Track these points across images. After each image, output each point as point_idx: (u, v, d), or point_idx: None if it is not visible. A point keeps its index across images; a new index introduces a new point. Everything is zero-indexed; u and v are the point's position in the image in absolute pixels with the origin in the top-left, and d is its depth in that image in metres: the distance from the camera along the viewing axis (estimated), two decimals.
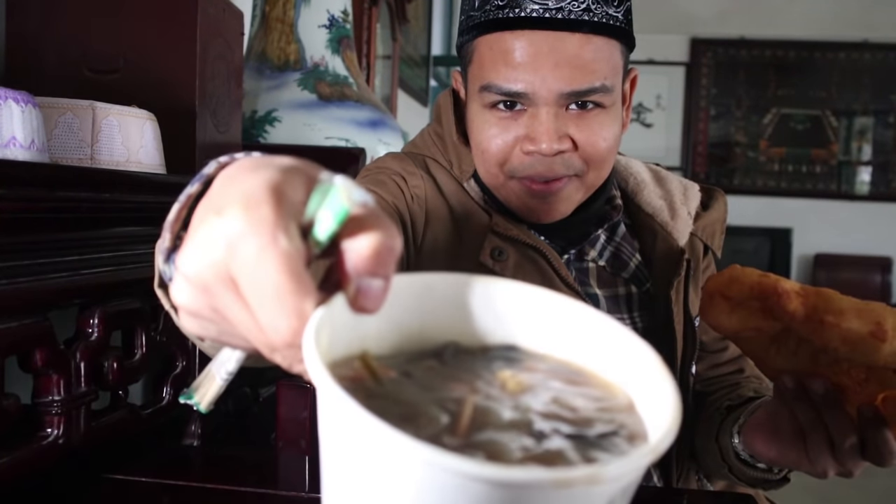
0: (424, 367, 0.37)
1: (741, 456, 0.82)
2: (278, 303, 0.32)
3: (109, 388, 0.87)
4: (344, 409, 0.28)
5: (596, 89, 0.79)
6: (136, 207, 0.87)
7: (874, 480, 2.97)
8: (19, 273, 0.70)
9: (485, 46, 0.82)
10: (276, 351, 0.34)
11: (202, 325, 0.37)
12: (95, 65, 1.05)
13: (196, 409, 0.43)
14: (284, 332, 0.32)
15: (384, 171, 0.89)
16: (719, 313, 0.62)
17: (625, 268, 0.91)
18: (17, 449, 0.73)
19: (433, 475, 0.27)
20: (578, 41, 0.78)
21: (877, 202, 5.54)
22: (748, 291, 0.59)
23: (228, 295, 0.33)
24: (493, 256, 0.84)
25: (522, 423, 0.33)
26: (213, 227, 0.33)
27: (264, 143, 1.50)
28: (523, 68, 0.78)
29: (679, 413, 0.32)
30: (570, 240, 0.90)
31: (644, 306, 0.91)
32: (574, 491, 0.27)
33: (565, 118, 0.80)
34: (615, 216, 0.92)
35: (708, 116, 5.74)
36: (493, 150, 0.83)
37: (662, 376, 0.35)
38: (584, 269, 0.90)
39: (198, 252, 0.33)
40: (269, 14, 1.59)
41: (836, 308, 0.56)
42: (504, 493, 0.27)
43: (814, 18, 5.41)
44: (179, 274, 0.35)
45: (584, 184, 0.85)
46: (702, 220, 0.94)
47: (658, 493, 0.87)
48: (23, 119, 0.73)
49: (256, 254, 0.31)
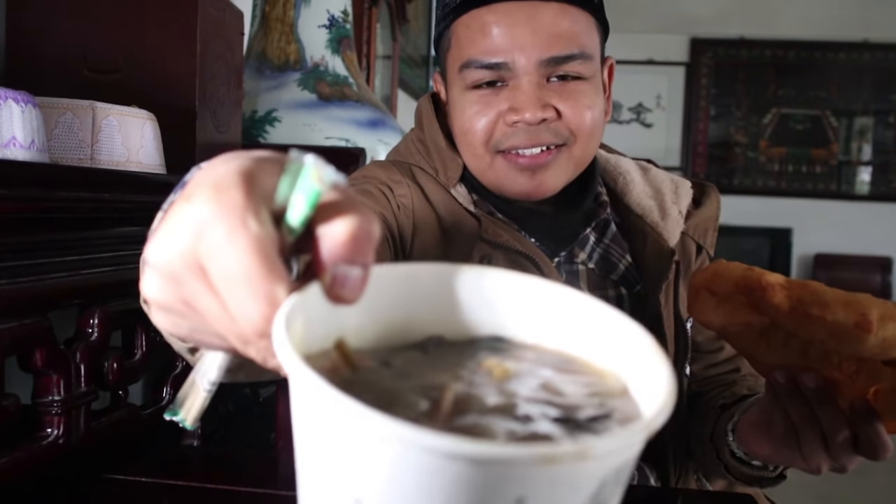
0: (406, 357, 0.35)
1: (736, 454, 0.82)
2: (248, 288, 0.30)
3: (109, 388, 0.87)
4: (313, 390, 0.26)
5: (575, 55, 0.80)
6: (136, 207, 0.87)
7: (872, 479, 2.98)
8: (19, 273, 0.70)
9: (462, 27, 0.82)
10: (248, 343, 0.32)
11: (174, 320, 0.36)
12: (95, 65, 1.05)
13: (182, 425, 0.41)
14: (255, 318, 0.31)
15: (370, 180, 0.88)
16: (706, 309, 0.62)
17: (614, 270, 0.90)
18: (17, 449, 0.73)
19: (407, 455, 0.25)
20: (554, 10, 0.79)
21: (877, 202, 5.53)
22: (733, 286, 0.59)
23: (198, 284, 0.32)
24: (481, 263, 0.83)
25: (508, 407, 0.31)
26: (182, 214, 0.32)
27: (264, 143, 1.50)
28: (501, 40, 0.79)
29: (673, 391, 0.30)
30: (560, 241, 0.89)
31: (635, 308, 0.90)
32: (561, 469, 0.25)
33: (547, 89, 0.81)
34: (602, 213, 0.91)
35: (708, 116, 5.74)
36: (477, 127, 0.82)
37: (656, 357, 0.33)
38: (574, 272, 0.89)
39: (166, 240, 0.32)
40: (269, 14, 1.59)
41: (821, 300, 0.55)
42: (485, 473, 0.24)
43: (814, 18, 5.41)
44: (149, 265, 0.34)
45: (573, 156, 0.84)
46: (693, 219, 0.93)
47: (655, 493, 0.87)
48: (23, 119, 0.74)
49: (225, 238, 0.30)
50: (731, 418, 0.83)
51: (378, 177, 0.88)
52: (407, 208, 0.86)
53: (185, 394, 0.42)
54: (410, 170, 0.91)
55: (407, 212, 0.86)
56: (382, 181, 0.88)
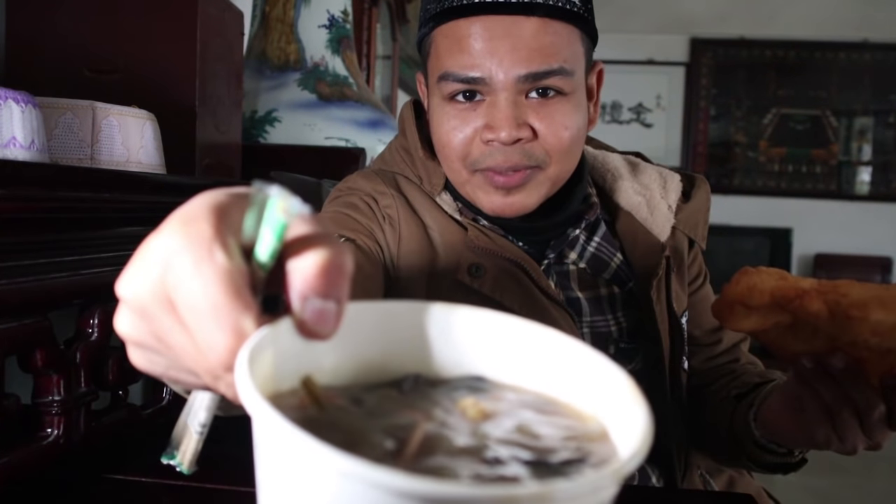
0: (379, 395, 0.34)
1: (760, 442, 0.82)
2: (214, 318, 0.30)
3: (109, 388, 0.87)
4: (270, 425, 0.26)
5: (554, 71, 0.78)
6: (136, 207, 0.87)
7: (874, 481, 2.97)
8: (19, 273, 0.70)
9: (441, 36, 0.81)
10: (218, 378, 0.31)
11: (149, 357, 0.35)
12: (95, 65, 1.05)
13: (180, 470, 0.40)
14: (221, 350, 0.30)
15: (355, 192, 0.87)
16: (739, 320, 0.62)
17: (605, 268, 0.90)
18: (17, 449, 0.73)
19: (365, 494, 0.24)
20: (535, 25, 0.77)
21: (877, 202, 5.53)
22: (769, 298, 0.60)
23: (167, 317, 0.31)
24: (470, 273, 0.82)
25: (477, 450, 0.30)
26: (151, 246, 0.32)
27: (264, 143, 1.50)
28: (479, 54, 0.78)
29: (649, 436, 0.29)
30: (549, 243, 0.89)
31: (627, 306, 0.89)
32: None
33: (524, 106, 0.79)
34: (591, 214, 0.90)
35: (708, 116, 5.74)
36: (455, 143, 0.81)
37: (634, 400, 0.32)
38: (564, 272, 0.89)
39: (134, 273, 0.32)
40: (269, 14, 1.59)
41: (859, 301, 0.57)
42: None
43: (814, 18, 5.41)
44: (121, 300, 0.33)
45: (548, 177, 0.83)
46: (683, 213, 0.92)
47: (657, 493, 0.87)
48: (23, 119, 0.73)
49: (191, 269, 0.30)
50: (751, 407, 0.83)
51: (363, 188, 0.88)
52: (393, 219, 0.85)
53: (178, 436, 0.41)
54: (395, 179, 0.90)
55: (393, 223, 0.85)
56: (367, 193, 0.87)
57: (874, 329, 0.56)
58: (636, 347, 0.89)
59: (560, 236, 0.88)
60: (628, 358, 0.88)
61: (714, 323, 0.99)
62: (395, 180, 0.90)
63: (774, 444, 0.81)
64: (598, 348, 0.40)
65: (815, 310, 0.57)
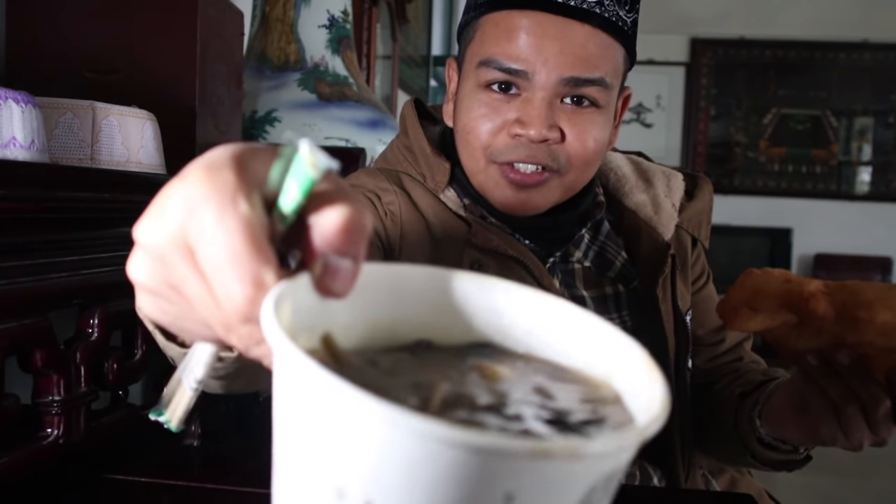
0: (393, 358, 0.34)
1: (765, 440, 0.82)
2: (234, 269, 0.30)
3: (109, 388, 0.87)
4: (300, 370, 0.26)
5: (595, 81, 0.78)
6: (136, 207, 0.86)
7: (874, 481, 2.97)
8: (19, 273, 0.70)
9: (490, 23, 0.81)
10: (231, 329, 0.31)
11: (160, 305, 0.35)
12: (95, 65, 1.05)
13: (167, 427, 0.40)
14: (239, 300, 0.30)
15: (358, 188, 0.87)
16: (745, 321, 0.62)
17: (610, 267, 0.90)
18: (17, 449, 0.73)
19: (399, 440, 0.24)
20: (585, 32, 0.77)
21: (877, 202, 5.54)
22: (775, 301, 0.60)
23: (185, 265, 0.31)
24: (472, 269, 0.82)
25: (498, 406, 0.30)
26: (172, 192, 0.31)
27: (264, 143, 1.50)
28: (527, 48, 0.78)
29: (668, 401, 0.30)
30: (554, 242, 0.88)
31: (633, 304, 0.90)
32: (554, 466, 0.25)
33: (558, 109, 0.79)
34: (598, 214, 0.90)
35: (708, 116, 5.74)
36: (480, 131, 0.81)
37: (649, 369, 0.33)
38: (569, 270, 0.89)
39: (155, 219, 0.32)
40: (269, 14, 1.59)
41: (865, 301, 0.57)
42: (476, 464, 0.24)
43: (814, 18, 5.41)
44: (137, 245, 0.33)
45: (563, 183, 0.83)
46: (687, 212, 0.93)
47: (658, 493, 0.87)
48: (23, 119, 0.73)
49: (214, 217, 0.30)
50: (756, 405, 0.83)
51: (366, 185, 0.87)
52: (395, 215, 0.85)
53: (170, 393, 0.41)
54: (398, 177, 0.90)
55: (395, 219, 0.85)
56: (370, 189, 0.87)
57: (881, 330, 0.57)
58: (642, 346, 0.89)
59: (566, 235, 0.89)
60: None
61: (717, 322, 0.99)
62: (398, 177, 0.90)
63: (779, 441, 0.81)
64: None
65: (821, 311, 0.58)
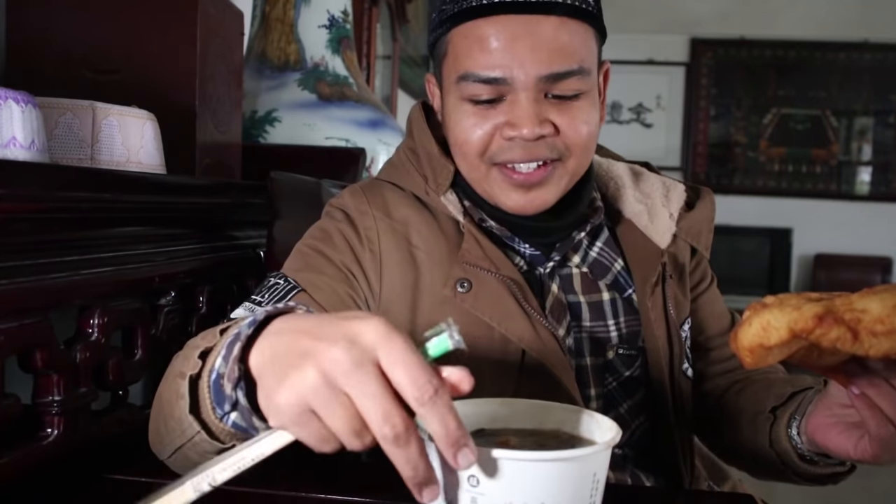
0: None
1: (806, 456, 0.80)
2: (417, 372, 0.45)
3: (109, 388, 0.87)
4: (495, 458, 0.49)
5: (574, 71, 0.79)
6: (136, 207, 0.87)
7: (875, 481, 2.97)
8: (19, 273, 0.70)
9: (459, 37, 0.81)
10: (363, 437, 0.46)
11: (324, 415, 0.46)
12: (95, 65, 1.05)
13: None
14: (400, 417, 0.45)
15: (334, 218, 0.87)
16: (762, 359, 0.60)
17: (606, 273, 0.90)
18: (17, 449, 0.73)
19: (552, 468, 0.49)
20: (554, 24, 0.78)
21: (877, 202, 5.53)
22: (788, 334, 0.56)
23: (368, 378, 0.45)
24: (456, 287, 0.82)
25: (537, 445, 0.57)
26: (357, 331, 0.46)
27: (264, 143, 1.50)
28: (500, 54, 0.78)
29: (617, 428, 0.54)
30: (553, 245, 0.89)
31: (628, 312, 0.90)
32: (607, 452, 0.52)
33: (545, 104, 0.80)
34: (596, 218, 0.90)
35: (708, 116, 5.74)
36: (473, 139, 0.82)
37: (601, 419, 0.58)
38: (567, 275, 0.89)
39: (346, 350, 0.45)
40: (269, 14, 1.59)
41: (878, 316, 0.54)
42: (580, 465, 0.51)
43: (814, 18, 5.41)
44: (316, 373, 0.45)
45: (567, 170, 0.83)
46: (685, 221, 0.93)
47: (658, 493, 0.87)
48: (23, 119, 0.73)
49: (405, 349, 0.45)
50: (792, 421, 0.80)
51: (347, 205, 0.88)
52: (372, 242, 0.85)
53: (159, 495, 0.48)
54: (383, 195, 0.89)
55: (373, 246, 0.85)
56: (348, 214, 0.87)
57: None
58: (636, 354, 0.89)
59: (565, 239, 0.88)
60: (628, 364, 0.88)
61: (721, 326, 0.99)
62: (382, 196, 0.89)
63: (822, 457, 0.79)
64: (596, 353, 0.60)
65: (835, 335, 0.55)
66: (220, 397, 0.55)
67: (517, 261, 0.87)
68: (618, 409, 0.87)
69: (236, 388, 0.52)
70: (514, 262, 0.86)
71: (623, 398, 0.88)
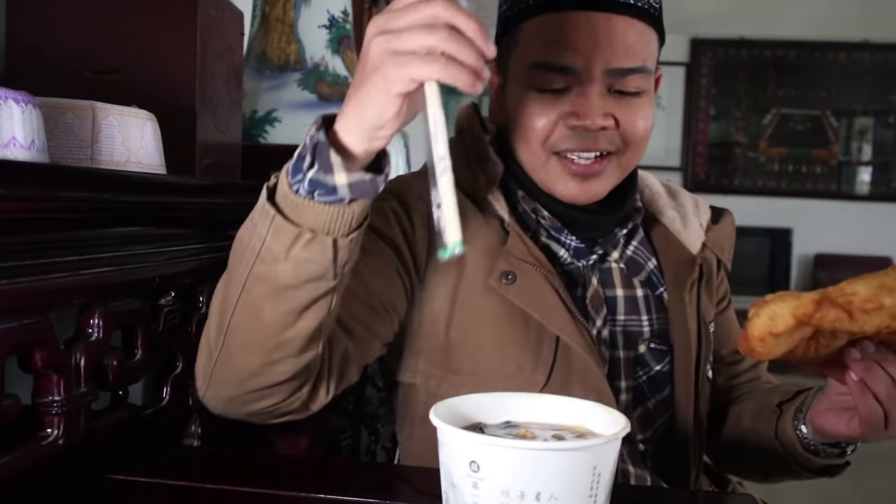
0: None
1: (810, 446, 0.86)
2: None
3: (109, 388, 0.87)
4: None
5: (639, 69, 0.85)
6: (136, 207, 0.87)
7: (874, 480, 2.97)
8: (19, 273, 0.70)
9: (536, 27, 0.85)
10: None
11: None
12: (95, 65, 1.05)
13: (460, 252, 0.56)
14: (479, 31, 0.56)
15: (392, 196, 0.89)
16: (771, 348, 0.66)
17: (640, 271, 0.95)
18: (17, 449, 0.73)
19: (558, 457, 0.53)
20: (625, 24, 0.83)
21: (877, 202, 5.54)
22: (793, 320, 0.64)
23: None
24: (501, 279, 0.86)
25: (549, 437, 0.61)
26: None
27: (264, 143, 1.50)
28: (576, 46, 0.83)
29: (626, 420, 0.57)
30: (597, 240, 0.93)
31: (659, 310, 0.94)
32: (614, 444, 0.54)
33: (609, 98, 0.85)
34: (637, 217, 0.96)
35: (708, 116, 5.74)
36: (538, 126, 0.85)
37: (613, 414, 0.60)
38: (607, 269, 0.93)
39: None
40: (269, 14, 1.59)
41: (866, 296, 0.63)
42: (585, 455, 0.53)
43: (814, 18, 5.41)
44: (411, 26, 0.57)
45: (621, 164, 0.88)
46: (712, 233, 0.98)
47: (658, 493, 0.88)
48: (23, 119, 0.73)
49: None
50: (798, 412, 0.88)
51: (397, 188, 0.90)
52: (422, 223, 0.87)
53: (440, 226, 0.56)
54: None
55: (422, 228, 0.87)
56: (404, 197, 0.89)
57: (892, 313, 0.62)
58: (666, 350, 0.93)
59: (607, 235, 0.93)
60: (658, 358, 0.92)
61: (734, 346, 1.03)
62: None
63: (825, 446, 0.86)
64: (629, 346, 0.81)
65: (833, 316, 0.63)
66: (297, 166, 0.62)
67: (561, 252, 0.91)
68: (646, 404, 0.91)
69: (319, 129, 0.60)
70: (559, 254, 0.91)
71: (652, 393, 0.92)
